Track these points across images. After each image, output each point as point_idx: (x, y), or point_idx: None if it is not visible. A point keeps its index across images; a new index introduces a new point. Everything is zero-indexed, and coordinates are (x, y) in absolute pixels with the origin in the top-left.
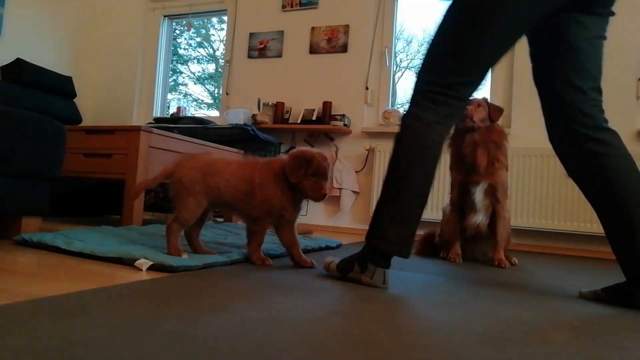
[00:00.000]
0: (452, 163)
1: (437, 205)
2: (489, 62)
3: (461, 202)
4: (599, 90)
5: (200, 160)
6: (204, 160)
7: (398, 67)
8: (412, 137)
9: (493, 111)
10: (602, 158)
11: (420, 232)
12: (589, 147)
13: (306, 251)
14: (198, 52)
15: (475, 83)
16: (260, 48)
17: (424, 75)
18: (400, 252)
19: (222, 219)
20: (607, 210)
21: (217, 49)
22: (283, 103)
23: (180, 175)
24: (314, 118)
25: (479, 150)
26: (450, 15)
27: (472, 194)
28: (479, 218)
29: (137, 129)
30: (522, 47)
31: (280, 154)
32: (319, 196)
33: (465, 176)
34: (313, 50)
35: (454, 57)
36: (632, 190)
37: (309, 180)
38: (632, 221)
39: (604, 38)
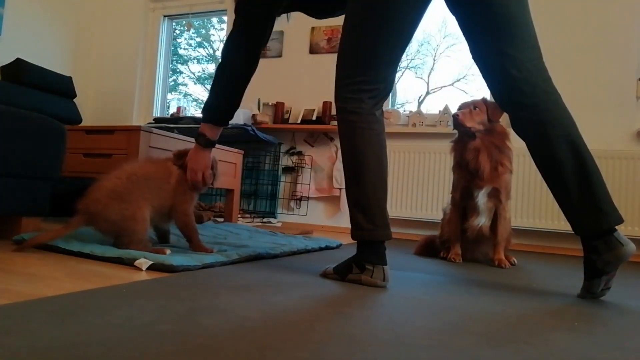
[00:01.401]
0: (455, 166)
1: (437, 205)
2: (392, 44)
3: (463, 204)
4: (532, 49)
5: (104, 191)
6: (109, 188)
7: (398, 67)
8: (351, 130)
9: (492, 111)
10: (537, 126)
11: (421, 233)
12: (525, 115)
13: (306, 251)
14: (198, 52)
15: (388, 65)
16: None
17: (341, 71)
18: (381, 235)
19: (222, 219)
20: (548, 177)
21: (217, 49)
22: (283, 103)
23: (98, 219)
24: (313, 118)
25: (481, 156)
26: (351, 11)
27: (475, 197)
28: (482, 220)
29: (137, 129)
30: None
31: (280, 154)
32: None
33: (468, 181)
34: (313, 50)
35: (360, 49)
36: (566, 157)
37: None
38: (570, 191)
39: None
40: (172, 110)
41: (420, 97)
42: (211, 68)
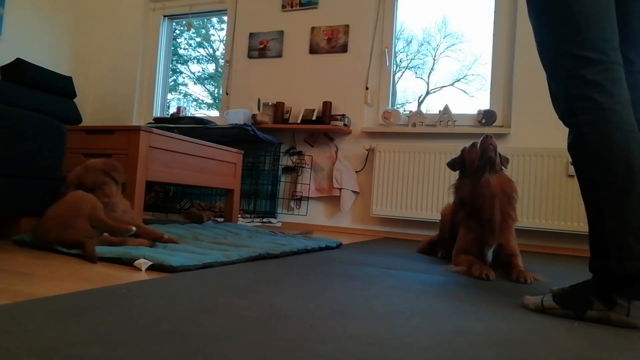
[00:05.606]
0: (464, 218)
1: (437, 205)
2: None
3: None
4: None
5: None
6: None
7: (398, 67)
8: (597, 130)
9: (503, 157)
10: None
11: (421, 233)
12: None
13: (306, 251)
14: (198, 52)
15: (616, 40)
16: (260, 48)
17: (570, 57)
18: None
19: (222, 219)
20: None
21: (217, 49)
22: (283, 103)
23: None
24: (314, 118)
25: (496, 202)
26: None
27: (485, 255)
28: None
29: (137, 129)
30: (521, 48)
31: (280, 154)
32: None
33: (479, 234)
34: (313, 50)
35: (584, 23)
36: None
37: None
38: None
39: None
40: (172, 110)
41: (420, 97)
42: (211, 68)
